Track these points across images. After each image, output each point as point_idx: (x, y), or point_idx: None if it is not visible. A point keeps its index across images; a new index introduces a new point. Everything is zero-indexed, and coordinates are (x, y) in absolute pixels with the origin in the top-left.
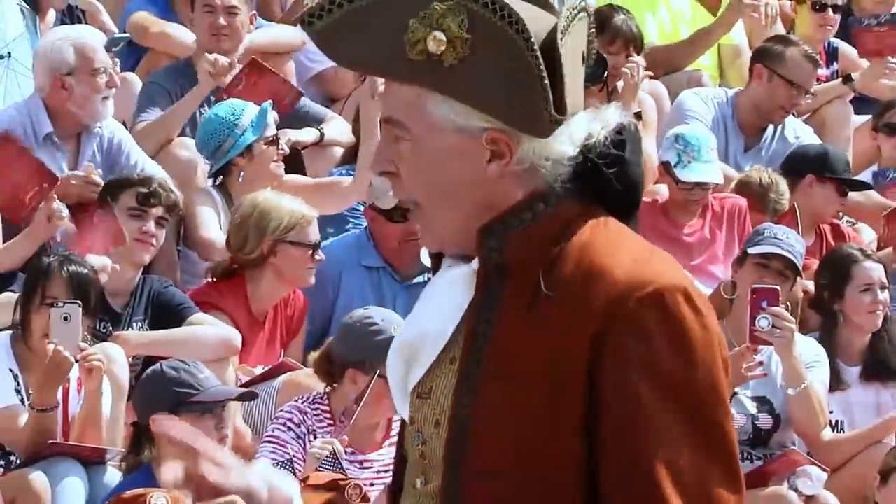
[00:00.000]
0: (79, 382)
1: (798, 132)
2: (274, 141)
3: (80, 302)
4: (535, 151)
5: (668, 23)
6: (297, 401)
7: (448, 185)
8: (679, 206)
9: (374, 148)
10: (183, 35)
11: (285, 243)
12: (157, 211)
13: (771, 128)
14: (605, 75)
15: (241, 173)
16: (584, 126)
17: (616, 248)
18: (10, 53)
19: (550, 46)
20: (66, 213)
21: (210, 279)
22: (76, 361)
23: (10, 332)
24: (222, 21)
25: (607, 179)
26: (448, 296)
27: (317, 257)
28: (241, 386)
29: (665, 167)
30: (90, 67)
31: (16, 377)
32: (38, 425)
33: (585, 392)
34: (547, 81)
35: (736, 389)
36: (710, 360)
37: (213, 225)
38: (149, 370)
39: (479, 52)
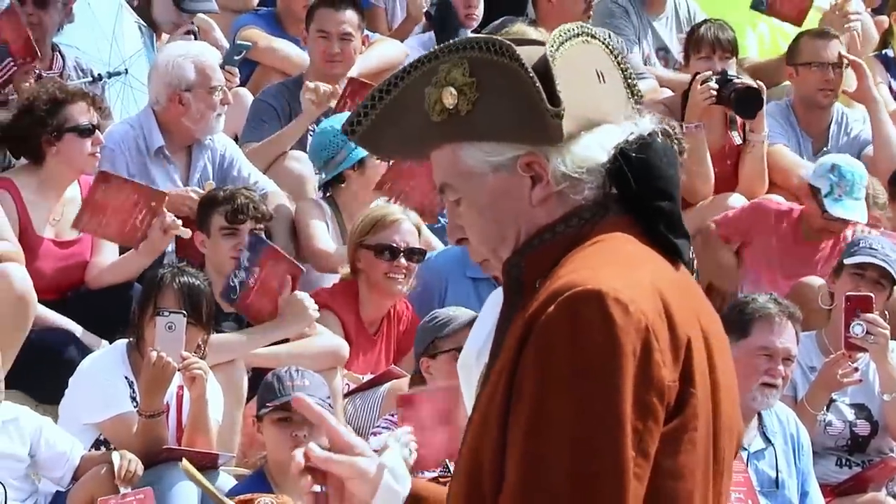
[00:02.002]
0: None
1: (852, 125)
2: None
3: (184, 312)
4: (566, 164)
5: (768, 37)
6: (392, 415)
7: (503, 226)
8: (815, 229)
9: None
10: (291, 51)
11: (362, 248)
12: (248, 225)
13: (834, 127)
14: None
15: (344, 182)
16: (616, 135)
17: (594, 258)
18: (127, 70)
19: (542, 61)
20: (179, 221)
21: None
22: (178, 370)
23: (127, 340)
24: (336, 49)
25: (628, 178)
26: (489, 316)
27: (397, 263)
28: (347, 392)
29: (813, 192)
30: (208, 85)
31: (131, 385)
32: (147, 431)
33: (509, 393)
34: (536, 81)
35: (834, 396)
36: (602, 370)
37: (324, 236)
38: None
39: (486, 88)
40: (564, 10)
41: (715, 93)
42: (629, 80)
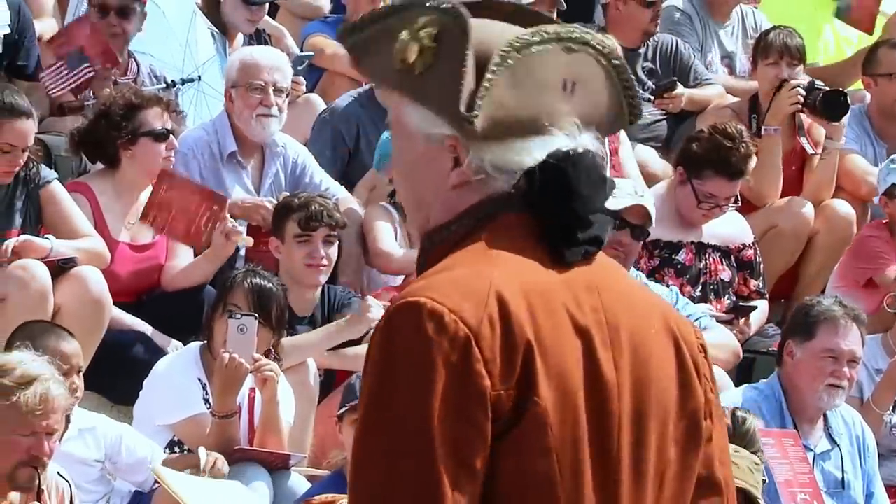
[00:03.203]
0: None
1: None
2: None
3: (256, 314)
4: (485, 161)
5: (833, 44)
6: None
7: (420, 190)
8: None
9: None
10: None
11: None
12: (322, 232)
13: None
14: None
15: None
16: (551, 146)
17: (451, 261)
18: (200, 77)
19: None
20: (241, 228)
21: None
22: (250, 372)
23: (201, 343)
24: None
25: (537, 180)
26: None
27: None
28: None
29: (891, 191)
30: (246, 82)
31: (204, 386)
32: (220, 432)
33: None
34: (464, 78)
35: None
36: (411, 382)
37: (389, 239)
38: None
39: (442, 60)
40: (632, 18)
41: (802, 98)
42: (627, 93)
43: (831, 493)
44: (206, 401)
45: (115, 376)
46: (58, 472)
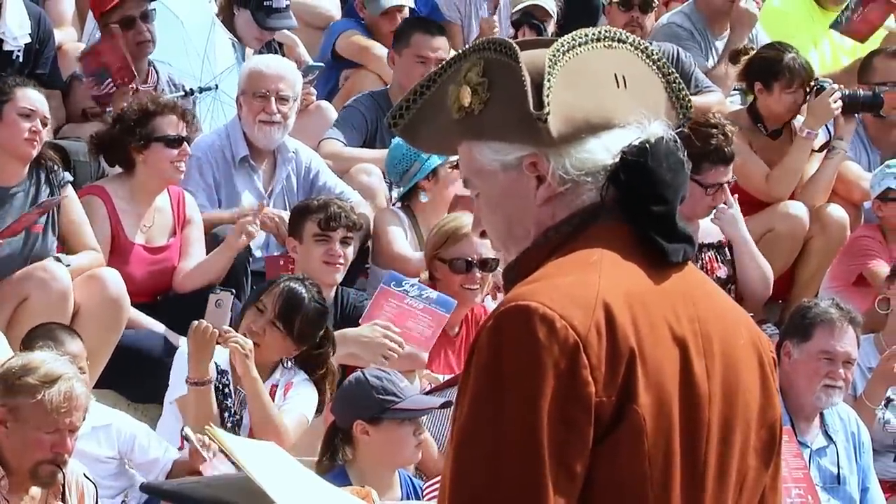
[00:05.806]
0: (286, 387)
1: None
2: (459, 165)
3: (233, 290)
4: (565, 166)
5: (829, 55)
6: None
7: (512, 223)
8: (892, 229)
9: None
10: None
11: (437, 260)
12: (340, 233)
13: None
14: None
15: (423, 193)
16: (625, 139)
17: (556, 268)
18: (217, 85)
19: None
20: (254, 227)
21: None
22: (219, 342)
23: None
24: None
25: (624, 182)
26: None
27: (472, 276)
28: (425, 393)
29: (884, 195)
30: (252, 90)
31: (222, 373)
32: (195, 400)
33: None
34: (527, 83)
35: (892, 395)
36: (520, 385)
37: (402, 242)
38: (351, 377)
39: (496, 89)
40: (613, 24)
41: (842, 102)
42: (673, 86)
43: (827, 489)
44: (220, 390)
45: (133, 375)
46: (84, 474)
